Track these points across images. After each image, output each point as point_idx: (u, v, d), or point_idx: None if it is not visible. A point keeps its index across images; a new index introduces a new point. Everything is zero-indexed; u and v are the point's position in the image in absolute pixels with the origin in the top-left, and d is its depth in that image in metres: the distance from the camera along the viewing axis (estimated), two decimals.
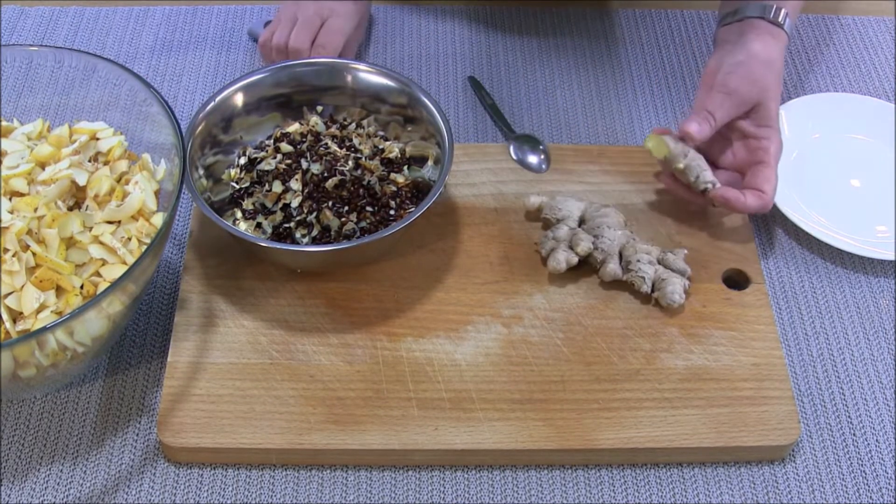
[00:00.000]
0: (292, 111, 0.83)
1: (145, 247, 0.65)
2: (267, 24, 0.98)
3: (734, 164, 0.81)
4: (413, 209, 0.75)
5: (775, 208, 0.85)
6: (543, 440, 0.69)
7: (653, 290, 0.76)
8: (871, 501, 0.70)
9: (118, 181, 0.71)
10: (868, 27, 1.05)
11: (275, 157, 0.80)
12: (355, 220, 0.77)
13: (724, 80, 0.79)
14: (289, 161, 0.79)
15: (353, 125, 0.83)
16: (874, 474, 0.71)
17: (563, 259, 0.77)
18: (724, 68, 0.79)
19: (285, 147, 0.80)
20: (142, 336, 0.77)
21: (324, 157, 0.79)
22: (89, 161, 0.73)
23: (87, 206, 0.70)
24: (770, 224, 0.86)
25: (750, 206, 0.78)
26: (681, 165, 0.79)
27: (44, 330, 0.59)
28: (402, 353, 0.73)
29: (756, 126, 0.80)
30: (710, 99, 0.79)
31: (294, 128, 0.82)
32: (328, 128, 0.82)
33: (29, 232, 0.65)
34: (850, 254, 0.84)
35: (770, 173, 0.78)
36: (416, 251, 0.79)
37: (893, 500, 0.70)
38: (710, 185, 0.79)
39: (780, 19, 0.81)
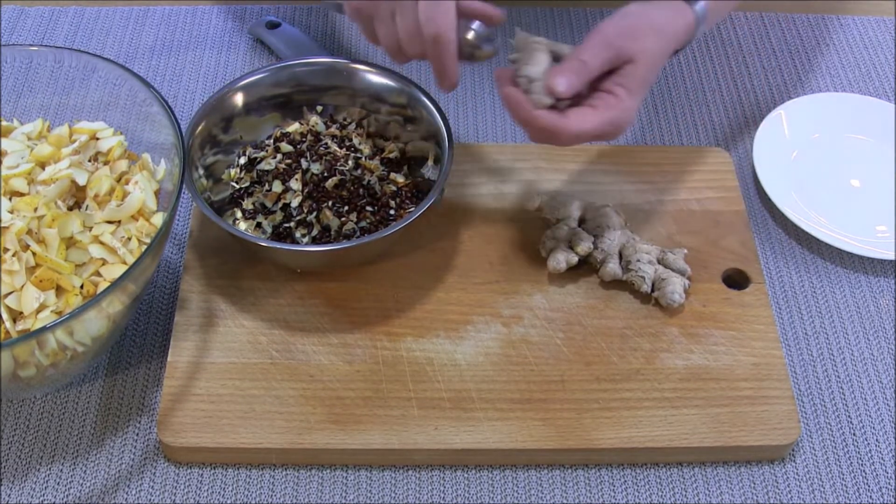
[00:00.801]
0: (292, 111, 0.83)
1: (145, 247, 0.65)
2: (267, 23, 0.98)
3: None
4: (413, 209, 0.75)
5: (775, 208, 0.85)
6: (543, 440, 0.69)
7: (653, 290, 0.76)
8: (871, 501, 0.70)
9: (118, 181, 0.71)
10: (868, 27, 1.05)
11: (275, 157, 0.80)
12: (355, 219, 0.77)
13: (603, 27, 0.70)
14: (289, 161, 0.80)
15: (353, 125, 0.83)
16: (874, 474, 0.71)
17: (563, 259, 0.77)
18: (611, 20, 0.71)
19: (285, 147, 0.80)
20: (142, 336, 0.77)
21: (324, 157, 0.79)
22: (89, 161, 0.73)
23: (87, 206, 0.70)
24: (770, 224, 0.86)
25: (529, 116, 0.68)
26: (512, 56, 0.71)
27: (44, 330, 0.59)
28: (402, 352, 0.73)
29: (614, 84, 0.70)
30: (585, 47, 0.69)
31: (294, 128, 0.82)
32: (328, 127, 0.82)
33: (29, 232, 0.65)
34: (850, 254, 0.84)
35: (591, 119, 0.68)
36: (415, 251, 0.79)
37: (893, 500, 0.70)
38: (523, 80, 0.69)
39: None
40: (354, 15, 0.73)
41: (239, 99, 0.81)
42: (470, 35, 0.70)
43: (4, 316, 0.63)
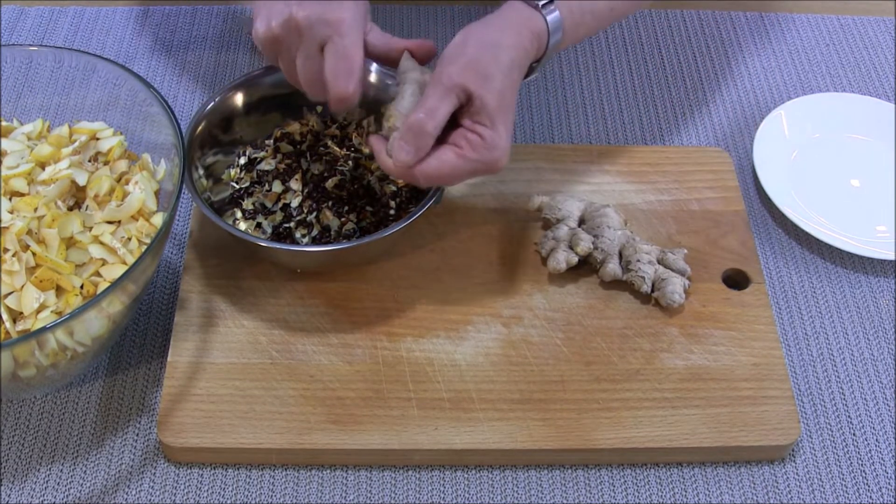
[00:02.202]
0: (292, 111, 0.83)
1: (145, 247, 0.65)
2: None
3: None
4: (413, 209, 0.75)
5: (775, 208, 0.85)
6: (543, 440, 0.69)
7: (653, 290, 0.76)
8: (871, 501, 0.70)
9: (118, 181, 0.71)
10: (868, 27, 1.05)
11: (275, 157, 0.80)
12: (355, 220, 0.77)
13: (441, 67, 0.66)
14: (289, 161, 0.80)
15: (353, 125, 0.83)
16: (874, 474, 0.71)
17: (563, 259, 0.77)
18: (449, 55, 0.67)
19: (285, 147, 0.80)
20: (142, 336, 0.77)
21: (323, 157, 0.79)
22: (89, 161, 0.73)
23: (87, 206, 0.70)
24: (770, 224, 0.86)
25: (387, 165, 0.68)
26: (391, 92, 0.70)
27: (44, 330, 0.59)
28: (402, 353, 0.73)
29: (473, 122, 0.66)
30: (428, 95, 0.66)
31: (294, 128, 0.82)
32: (328, 127, 0.82)
33: (29, 232, 0.65)
34: (850, 254, 0.84)
35: (452, 159, 0.66)
36: (415, 251, 0.79)
37: (893, 500, 0.70)
38: (384, 126, 0.68)
39: (539, 1, 0.69)
40: (258, 44, 0.70)
41: (239, 99, 0.80)
42: (372, 78, 0.70)
43: (4, 316, 0.63)
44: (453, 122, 0.67)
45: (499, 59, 0.66)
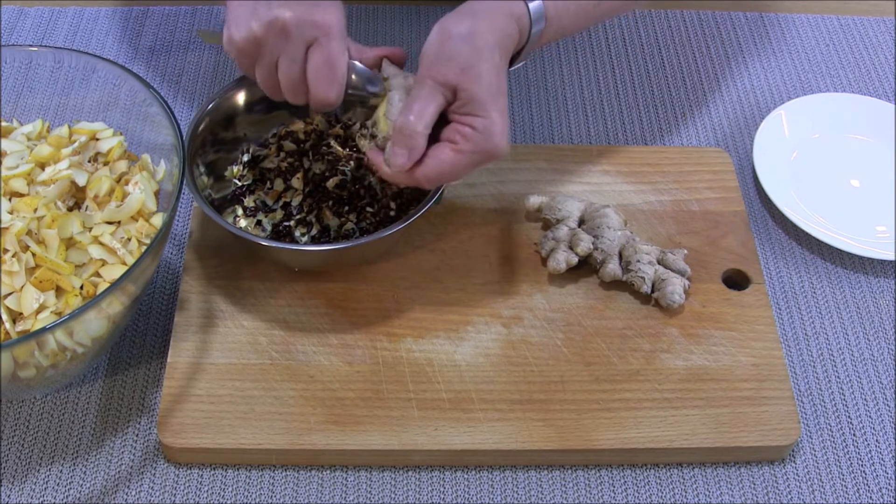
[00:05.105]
0: (298, 109, 0.83)
1: (145, 247, 0.65)
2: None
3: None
4: (413, 210, 0.75)
5: (775, 208, 0.85)
6: (543, 440, 0.69)
7: (653, 291, 0.76)
8: (871, 501, 0.70)
9: (118, 181, 0.71)
10: (868, 27, 1.05)
11: (277, 156, 0.80)
12: (355, 220, 0.77)
13: (423, 66, 0.66)
14: (291, 159, 0.80)
15: (357, 125, 0.83)
16: (874, 474, 0.71)
17: (562, 259, 0.77)
18: (430, 51, 0.66)
19: (288, 145, 0.80)
20: (142, 336, 0.77)
21: (326, 157, 0.79)
22: (89, 161, 0.73)
23: (87, 207, 0.70)
24: (770, 224, 0.86)
25: (387, 174, 0.68)
26: (374, 101, 0.70)
27: (43, 330, 0.59)
28: (402, 353, 0.73)
29: (463, 114, 0.65)
30: (414, 97, 0.66)
31: (298, 126, 0.82)
32: (332, 127, 0.82)
33: (29, 232, 0.65)
34: (850, 254, 0.84)
35: (449, 155, 0.65)
36: (415, 251, 0.79)
37: (893, 501, 0.70)
38: (379, 138, 0.69)
39: None
40: (232, 51, 0.70)
41: (241, 97, 0.80)
42: (354, 78, 0.70)
43: (4, 317, 0.63)
44: (447, 120, 0.67)
45: (477, 47, 0.65)
